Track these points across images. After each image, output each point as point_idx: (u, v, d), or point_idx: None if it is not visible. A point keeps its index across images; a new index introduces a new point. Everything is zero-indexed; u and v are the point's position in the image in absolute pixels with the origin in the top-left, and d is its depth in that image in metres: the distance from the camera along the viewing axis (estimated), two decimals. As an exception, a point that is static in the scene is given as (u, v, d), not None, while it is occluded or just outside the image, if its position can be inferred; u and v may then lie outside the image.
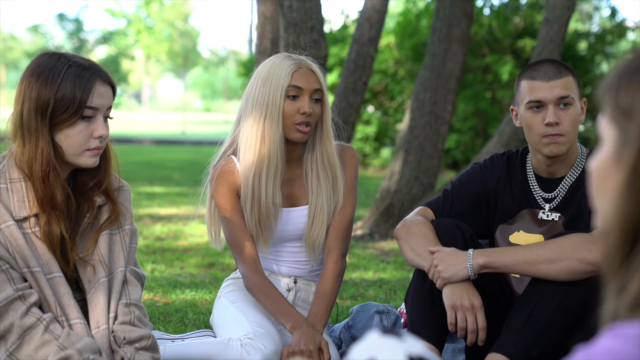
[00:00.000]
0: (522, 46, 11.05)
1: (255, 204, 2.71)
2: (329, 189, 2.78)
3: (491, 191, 2.72)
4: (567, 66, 2.60)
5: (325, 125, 2.76)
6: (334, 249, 2.79)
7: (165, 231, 6.05)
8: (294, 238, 2.82)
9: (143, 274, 2.37)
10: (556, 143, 2.54)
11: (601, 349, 1.04)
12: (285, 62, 2.70)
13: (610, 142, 1.08)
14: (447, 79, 6.09)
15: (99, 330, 2.19)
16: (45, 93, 2.15)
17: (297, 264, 2.87)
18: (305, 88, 2.68)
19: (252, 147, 2.69)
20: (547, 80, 2.54)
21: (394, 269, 4.75)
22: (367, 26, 5.49)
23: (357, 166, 2.86)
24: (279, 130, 2.67)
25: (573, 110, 2.54)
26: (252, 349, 2.55)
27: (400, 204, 6.00)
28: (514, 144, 5.62)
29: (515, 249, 2.47)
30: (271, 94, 2.67)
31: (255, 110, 2.69)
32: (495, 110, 10.92)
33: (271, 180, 2.70)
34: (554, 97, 2.53)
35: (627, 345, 1.02)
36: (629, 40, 15.76)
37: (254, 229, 2.75)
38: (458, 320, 2.44)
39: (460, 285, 2.45)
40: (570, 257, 2.36)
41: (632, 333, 1.02)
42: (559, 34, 5.65)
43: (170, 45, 36.87)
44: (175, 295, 3.95)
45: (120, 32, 35.75)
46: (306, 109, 2.67)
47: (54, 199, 2.17)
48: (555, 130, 2.53)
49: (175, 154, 15.85)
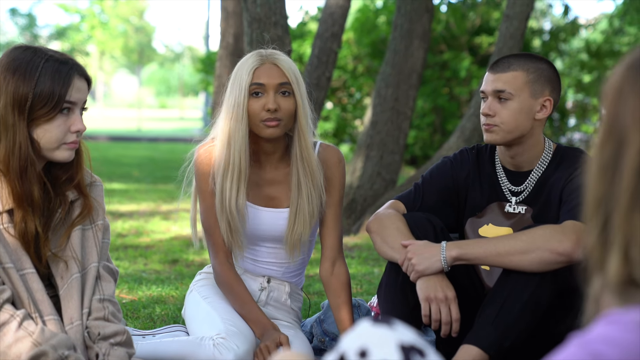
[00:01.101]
0: (479, 43, 11.15)
1: (224, 206, 2.69)
2: (309, 186, 2.73)
3: (461, 185, 2.76)
4: (530, 61, 2.61)
5: (299, 119, 2.68)
6: (338, 255, 2.81)
7: (127, 228, 6.00)
8: (270, 239, 2.81)
9: (116, 270, 2.35)
10: (489, 132, 2.61)
11: (597, 336, 1.06)
12: (249, 60, 2.67)
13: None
14: (409, 75, 6.13)
15: (72, 326, 2.17)
16: (23, 88, 2.11)
17: (273, 265, 2.86)
18: (267, 84, 2.63)
19: (221, 148, 2.68)
20: (494, 73, 2.63)
21: (358, 264, 4.77)
22: (330, 22, 5.50)
23: (344, 173, 2.81)
24: (244, 130, 2.63)
25: (511, 105, 2.59)
26: (225, 349, 2.55)
27: (363, 200, 6.02)
28: (475, 139, 5.67)
29: (487, 240, 2.50)
30: (236, 94, 2.65)
31: (226, 111, 2.68)
32: (453, 107, 11.01)
33: (235, 183, 2.67)
34: (492, 89, 2.61)
35: (624, 332, 1.04)
36: (582, 38, 16.02)
37: (225, 232, 2.72)
38: (432, 312, 2.46)
39: (433, 277, 2.47)
40: (541, 248, 2.40)
41: (629, 319, 1.04)
42: (518, 30, 5.72)
43: (125, 41, 36.53)
44: (142, 291, 3.92)
45: (74, 28, 35.34)
46: (269, 105, 2.61)
47: (31, 195, 2.14)
48: (488, 120, 2.61)
49: (132, 151, 15.72)
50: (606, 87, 1.09)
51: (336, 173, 2.78)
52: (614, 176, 1.06)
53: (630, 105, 1.06)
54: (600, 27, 15.22)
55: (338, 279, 2.78)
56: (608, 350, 1.04)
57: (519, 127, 2.60)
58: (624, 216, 1.05)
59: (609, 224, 1.07)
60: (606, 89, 1.09)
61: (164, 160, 13.16)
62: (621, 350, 1.03)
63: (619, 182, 1.06)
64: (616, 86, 1.08)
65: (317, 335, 2.96)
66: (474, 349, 2.43)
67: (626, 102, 1.06)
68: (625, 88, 1.07)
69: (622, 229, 1.05)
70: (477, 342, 2.43)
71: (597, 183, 1.08)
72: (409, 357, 1.22)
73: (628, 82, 1.07)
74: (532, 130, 2.63)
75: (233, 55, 6.35)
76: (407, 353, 1.22)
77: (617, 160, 1.06)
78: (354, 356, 1.23)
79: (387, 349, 1.22)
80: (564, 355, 1.08)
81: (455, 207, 2.76)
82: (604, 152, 1.07)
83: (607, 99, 1.09)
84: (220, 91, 6.28)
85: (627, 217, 1.04)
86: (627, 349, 1.03)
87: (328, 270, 2.79)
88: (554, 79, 2.64)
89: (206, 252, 5.01)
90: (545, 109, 2.63)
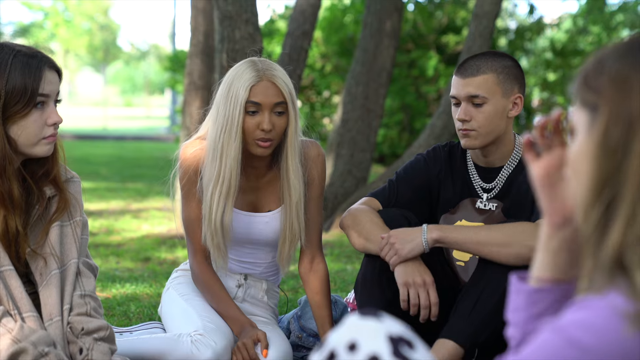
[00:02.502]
0: (446, 42, 11.23)
1: (210, 219, 2.67)
2: (289, 200, 2.72)
3: (434, 181, 2.79)
4: (497, 60, 2.63)
5: (289, 140, 2.65)
6: (317, 251, 2.81)
7: (97, 226, 5.96)
8: (250, 242, 2.81)
9: (95, 266, 2.34)
10: (468, 137, 2.62)
11: (572, 322, 1.08)
12: (246, 74, 2.59)
13: (583, 126, 1.15)
14: (379, 73, 6.16)
15: (52, 322, 2.16)
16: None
17: (251, 265, 2.87)
18: (264, 103, 2.58)
19: (212, 159, 2.64)
20: (463, 78, 2.62)
21: (331, 261, 4.79)
22: (302, 20, 5.51)
23: (325, 168, 2.79)
24: (237, 149, 2.60)
25: (487, 108, 2.60)
26: (203, 346, 2.55)
27: (334, 197, 6.05)
28: (445, 137, 5.72)
29: (468, 228, 2.54)
30: (230, 109, 2.59)
31: (218, 122, 2.62)
32: (421, 105, 11.08)
33: (223, 199, 2.64)
34: (465, 94, 2.61)
35: (600, 317, 1.06)
36: (547, 37, 16.20)
37: (209, 243, 2.70)
38: (410, 296, 2.49)
39: (411, 263, 2.50)
40: (520, 243, 2.44)
41: (604, 304, 1.07)
42: (487, 29, 5.77)
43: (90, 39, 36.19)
44: (116, 289, 3.91)
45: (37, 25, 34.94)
46: (264, 126, 2.58)
47: (11, 193, 2.13)
48: (465, 125, 2.61)
49: (99, 149, 15.60)
50: (605, 78, 1.13)
51: (316, 168, 2.77)
52: (623, 159, 1.09)
53: (637, 91, 1.09)
54: (564, 27, 15.39)
55: (317, 275, 2.79)
56: (584, 335, 1.06)
57: (495, 129, 2.62)
58: (632, 198, 1.08)
59: (613, 205, 1.09)
60: (606, 79, 1.12)
61: (132, 159, 13.09)
62: (597, 335, 1.05)
63: (628, 165, 1.09)
64: (621, 74, 1.11)
65: (295, 332, 2.98)
66: (450, 342, 2.46)
67: (632, 89, 1.10)
68: (631, 75, 1.11)
69: (627, 211, 1.08)
70: (453, 336, 2.46)
71: (601, 165, 1.10)
72: (397, 348, 1.24)
73: (634, 69, 1.11)
74: (506, 128, 2.66)
75: (203, 54, 6.34)
76: (396, 344, 1.24)
77: (626, 144, 1.09)
78: (343, 350, 1.25)
79: (376, 341, 1.25)
80: (538, 343, 1.10)
81: (428, 203, 2.79)
82: (610, 136, 1.10)
83: (610, 88, 1.12)
84: (191, 89, 6.32)
85: (635, 199, 1.07)
86: (603, 335, 1.05)
87: (307, 267, 2.81)
88: (519, 76, 2.67)
89: (178, 250, 5.02)
90: (517, 106, 2.66)
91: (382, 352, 1.23)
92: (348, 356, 1.24)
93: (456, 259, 2.74)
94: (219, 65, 4.66)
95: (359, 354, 1.23)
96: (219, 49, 4.68)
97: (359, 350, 1.24)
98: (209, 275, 2.73)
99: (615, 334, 1.04)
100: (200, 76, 6.31)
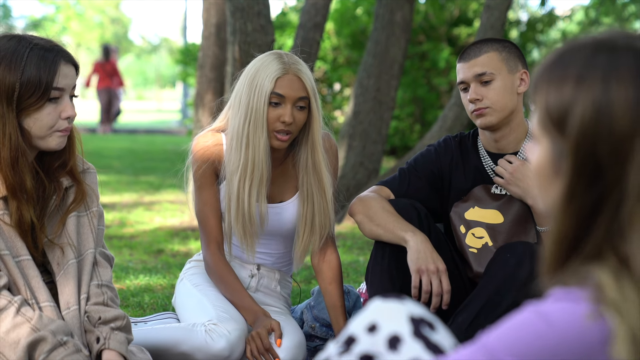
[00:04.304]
0: (457, 34, 11.21)
1: (240, 211, 2.69)
2: (319, 195, 2.74)
3: (445, 170, 2.80)
4: (496, 42, 2.67)
5: (312, 135, 2.69)
6: (330, 242, 2.82)
7: (110, 219, 5.99)
8: (265, 232, 2.82)
9: (112, 256, 2.37)
10: (483, 115, 2.64)
11: (555, 308, 1.08)
12: (272, 66, 2.62)
13: (546, 149, 1.15)
14: (390, 65, 6.16)
15: (69, 311, 2.19)
16: (10, 78, 2.11)
17: (264, 255, 2.89)
18: (287, 96, 2.61)
19: (238, 150, 2.65)
20: (468, 61, 2.66)
21: (343, 253, 4.81)
22: (313, 12, 5.51)
23: (337, 159, 2.83)
24: (264, 136, 2.62)
25: (495, 85, 2.63)
26: (217, 335, 2.57)
27: (346, 189, 6.05)
28: (457, 128, 5.72)
29: None
30: (255, 99, 2.61)
31: (241, 111, 2.65)
32: (433, 97, 11.06)
33: (255, 189, 2.66)
34: (472, 75, 2.64)
35: (585, 308, 1.07)
36: (559, 29, 16.13)
37: (239, 235, 2.72)
38: (423, 283, 2.49)
39: (424, 249, 2.51)
40: None
41: (584, 295, 1.08)
42: (499, 20, 5.77)
43: (102, 33, 36.25)
44: (130, 280, 3.94)
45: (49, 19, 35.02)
46: (286, 119, 2.61)
47: (23, 184, 2.15)
48: (478, 104, 2.64)
49: (112, 143, 15.62)
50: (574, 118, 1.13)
51: (329, 159, 2.79)
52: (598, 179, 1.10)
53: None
54: (576, 19, 15.33)
55: (329, 265, 2.81)
56: (564, 322, 1.06)
57: (507, 104, 2.65)
58: (632, 207, 1.08)
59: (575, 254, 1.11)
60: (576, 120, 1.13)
61: (144, 152, 13.11)
62: (578, 326, 1.06)
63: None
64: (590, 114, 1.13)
65: (308, 322, 3.00)
66: None
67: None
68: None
69: (630, 219, 1.08)
70: None
71: (561, 218, 1.12)
72: (418, 328, 1.25)
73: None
74: (518, 106, 2.68)
75: (215, 46, 6.35)
76: (417, 324, 1.25)
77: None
78: (363, 332, 1.26)
79: (397, 321, 1.26)
80: (517, 320, 1.11)
81: (439, 192, 2.80)
82: (578, 183, 1.11)
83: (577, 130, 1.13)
84: (203, 81, 6.32)
85: (635, 208, 1.08)
86: (583, 326, 1.05)
87: (319, 257, 2.82)
88: (520, 55, 2.71)
89: (191, 242, 5.04)
90: (524, 82, 2.69)
91: (402, 332, 1.24)
92: (368, 338, 1.25)
93: (469, 246, 2.74)
94: (231, 58, 4.67)
95: (379, 334, 1.24)
96: (231, 41, 4.69)
97: (379, 331, 1.25)
98: (222, 265, 2.75)
99: (580, 325, 1.05)
100: (212, 68, 6.32)
